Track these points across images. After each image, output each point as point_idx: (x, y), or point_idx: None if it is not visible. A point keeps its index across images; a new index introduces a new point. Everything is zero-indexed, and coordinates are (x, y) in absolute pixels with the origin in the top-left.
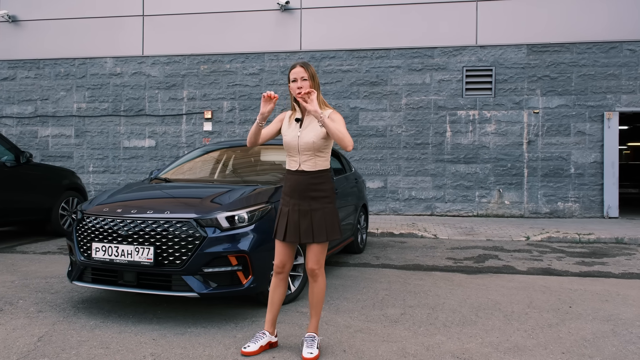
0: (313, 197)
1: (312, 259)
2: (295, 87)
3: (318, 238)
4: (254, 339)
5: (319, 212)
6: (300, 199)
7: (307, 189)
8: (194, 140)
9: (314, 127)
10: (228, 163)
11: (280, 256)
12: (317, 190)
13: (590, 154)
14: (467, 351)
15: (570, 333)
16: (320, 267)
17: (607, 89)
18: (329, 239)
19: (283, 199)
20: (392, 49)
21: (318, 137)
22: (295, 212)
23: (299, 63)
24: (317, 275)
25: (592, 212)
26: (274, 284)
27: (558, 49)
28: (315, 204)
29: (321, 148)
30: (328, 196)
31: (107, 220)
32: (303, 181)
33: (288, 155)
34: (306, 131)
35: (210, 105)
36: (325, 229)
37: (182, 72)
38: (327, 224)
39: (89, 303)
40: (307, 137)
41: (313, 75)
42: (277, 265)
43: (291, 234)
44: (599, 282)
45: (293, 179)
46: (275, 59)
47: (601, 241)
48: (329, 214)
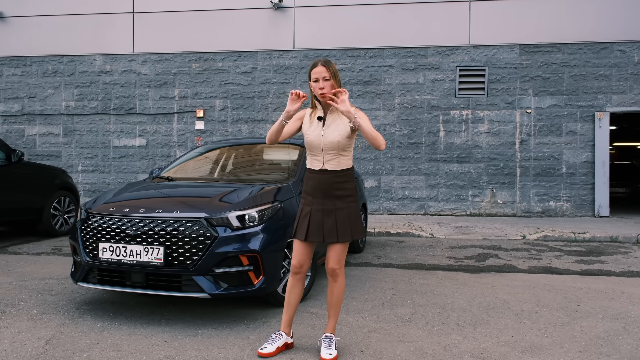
0: (337, 196)
1: (334, 259)
2: (317, 87)
3: (343, 237)
4: (271, 340)
5: (344, 211)
6: (324, 198)
7: (330, 188)
8: (186, 140)
9: (338, 126)
10: (231, 162)
11: (299, 256)
12: (341, 189)
13: (582, 153)
14: (484, 350)
15: (584, 331)
16: (341, 267)
17: (598, 89)
18: (354, 238)
19: (304, 198)
20: (386, 48)
21: (343, 136)
22: (319, 212)
23: (321, 61)
24: (337, 275)
25: (584, 211)
26: (291, 284)
27: (550, 50)
28: (340, 203)
29: (345, 147)
30: (352, 195)
31: (115, 220)
32: (326, 180)
33: (310, 154)
34: (330, 130)
35: (202, 104)
36: (350, 228)
37: (173, 70)
38: (352, 223)
39: (93, 305)
40: (331, 136)
41: (335, 73)
42: (294, 266)
43: (314, 234)
44: (601, 281)
45: (316, 178)
46: (268, 57)
47: (596, 240)
48: (353, 213)
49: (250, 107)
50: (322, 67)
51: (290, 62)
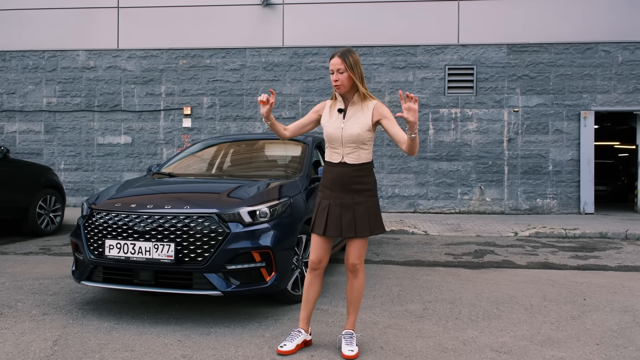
0: (356, 190)
1: (354, 254)
2: (333, 80)
3: (361, 232)
4: (290, 338)
5: (363, 206)
6: (342, 192)
7: (350, 182)
8: (173, 137)
9: (359, 119)
10: (232, 158)
11: (317, 251)
12: (361, 183)
13: (568, 151)
14: (504, 345)
15: (596, 324)
16: (361, 263)
17: (583, 89)
18: (372, 234)
19: (322, 192)
20: (376, 46)
21: (363, 129)
22: (337, 206)
23: (338, 52)
24: (358, 270)
25: (569, 209)
26: (309, 281)
27: (537, 49)
28: (359, 197)
29: (365, 140)
30: (371, 189)
31: (121, 216)
32: (346, 174)
33: (329, 147)
34: (350, 122)
35: (190, 101)
36: (369, 223)
37: (159, 66)
38: (371, 217)
39: (96, 305)
40: (351, 128)
41: (352, 65)
42: (313, 261)
43: (332, 228)
44: (600, 275)
45: (335, 171)
46: (257, 54)
47: (586, 236)
48: (372, 207)
49: (239, 104)
50: (338, 58)
51: (279, 60)
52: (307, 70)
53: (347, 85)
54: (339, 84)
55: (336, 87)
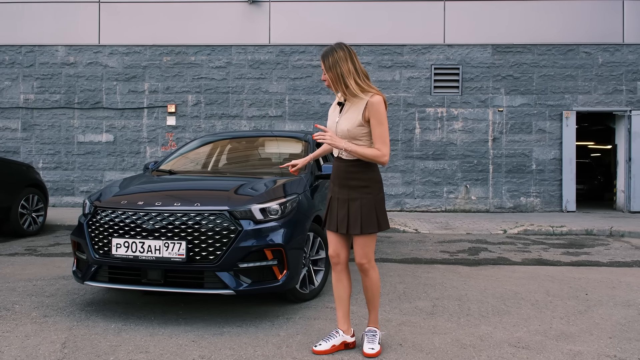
0: (351, 186)
1: (359, 253)
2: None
3: (353, 230)
4: (327, 338)
5: (357, 203)
6: (340, 187)
7: (345, 177)
8: (157, 135)
9: (351, 114)
10: (231, 155)
11: (332, 245)
12: (356, 179)
13: (550, 151)
14: (520, 340)
15: (603, 319)
16: (369, 261)
17: (565, 89)
18: (363, 232)
19: (330, 186)
20: (362, 45)
21: (353, 125)
22: (335, 201)
23: (322, 53)
24: (366, 269)
25: (552, 207)
26: (335, 278)
27: (520, 50)
28: (354, 194)
29: (358, 136)
30: (368, 186)
31: (129, 214)
32: (342, 169)
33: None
34: (344, 117)
35: (174, 99)
36: (361, 221)
37: (143, 63)
38: (363, 216)
39: (98, 306)
40: (342, 124)
41: (331, 65)
42: (331, 255)
43: (330, 222)
44: (595, 271)
45: (334, 165)
46: (243, 52)
47: (573, 233)
48: (367, 205)
49: (225, 102)
50: (321, 60)
51: (265, 57)
52: (293, 68)
53: (335, 86)
54: (326, 84)
55: (328, 86)
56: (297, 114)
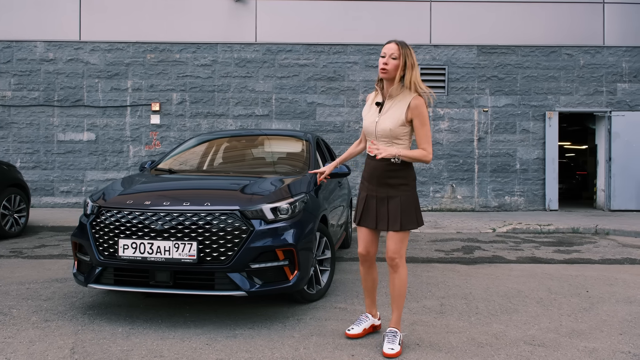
0: (391, 184)
1: (392, 248)
2: (381, 63)
3: (393, 226)
4: (358, 322)
5: (396, 200)
6: (378, 185)
7: (384, 176)
8: (140, 134)
9: (393, 113)
10: (231, 154)
11: (364, 242)
12: (395, 177)
13: (534, 150)
14: (534, 338)
15: (610, 316)
16: (401, 257)
17: (548, 90)
18: (403, 229)
19: (362, 184)
20: (349, 44)
21: (396, 125)
22: (373, 199)
23: (396, 40)
24: (397, 265)
25: (535, 205)
26: (365, 272)
27: (505, 51)
28: (393, 191)
29: (399, 135)
30: (407, 184)
31: (136, 214)
32: (380, 168)
33: (367, 140)
34: (385, 117)
35: (158, 97)
36: (401, 218)
37: (126, 60)
38: (403, 212)
39: (99, 309)
40: (384, 123)
41: (407, 56)
42: (360, 253)
43: (366, 220)
44: (589, 269)
45: (372, 164)
46: (229, 50)
47: (560, 231)
48: (406, 202)
49: (210, 101)
50: (394, 44)
51: (252, 56)
52: (280, 67)
53: (392, 73)
54: (386, 68)
55: (382, 71)
56: (284, 113)
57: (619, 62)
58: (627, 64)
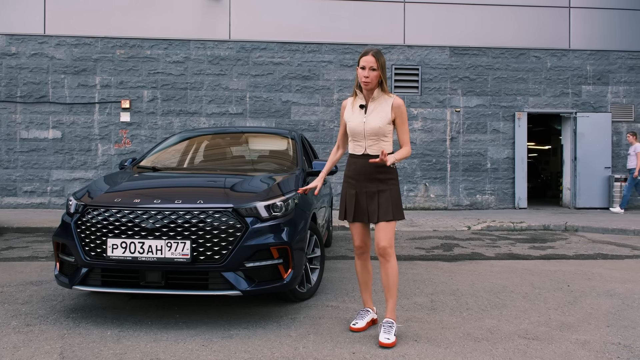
0: (380, 179)
1: (384, 238)
2: (363, 75)
3: (385, 217)
4: (360, 316)
5: (386, 193)
6: (366, 181)
7: (373, 172)
8: (109, 132)
9: (379, 113)
10: (215, 151)
11: (360, 236)
12: (383, 173)
13: (504, 150)
14: (527, 332)
15: (594, 308)
16: (391, 247)
17: (517, 92)
18: (395, 218)
19: (348, 182)
20: (324, 43)
21: (384, 123)
22: (363, 194)
23: (372, 51)
24: (389, 254)
25: (505, 204)
26: (360, 266)
27: (476, 53)
28: (382, 186)
29: (386, 133)
30: (393, 178)
31: (125, 212)
32: (369, 165)
33: (353, 141)
34: (371, 117)
35: (129, 94)
36: (392, 208)
37: (94, 55)
38: (393, 204)
39: (83, 312)
40: (373, 122)
41: (383, 65)
42: (358, 247)
43: (359, 215)
44: (565, 264)
45: (359, 162)
46: (202, 47)
47: (532, 228)
48: (395, 194)
49: (183, 98)
50: (372, 57)
51: (226, 53)
52: (255, 65)
53: (374, 83)
54: (368, 80)
55: (365, 83)
56: (259, 111)
57: (583, 65)
58: (591, 67)
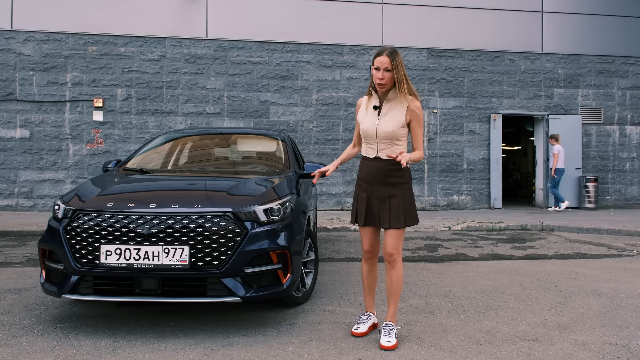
0: (392, 183)
1: (391, 244)
2: (377, 77)
3: (396, 224)
4: (362, 321)
5: (398, 198)
6: (378, 185)
7: (385, 176)
8: (81, 132)
9: (393, 116)
10: (204, 152)
11: (369, 241)
12: (396, 177)
13: (479, 151)
14: (527, 333)
15: (585, 308)
16: (398, 253)
17: (492, 94)
18: (407, 225)
19: (359, 185)
20: (303, 43)
21: (397, 126)
22: (374, 198)
23: (387, 51)
24: (395, 261)
25: (481, 204)
26: (367, 270)
27: (453, 55)
28: (394, 190)
29: (400, 137)
30: (406, 182)
31: (119, 217)
32: (381, 168)
33: (365, 143)
34: (385, 119)
35: (101, 93)
36: (404, 215)
37: (64, 52)
38: (406, 209)
39: (70, 321)
40: (385, 125)
41: (398, 65)
42: (367, 251)
43: (370, 219)
44: (548, 264)
45: (371, 165)
46: (179, 45)
47: (510, 228)
48: (407, 199)
49: (158, 97)
50: (386, 57)
51: (203, 52)
52: (232, 64)
53: (389, 84)
54: (383, 82)
55: (379, 85)
56: (237, 111)
57: (555, 69)
58: (562, 70)
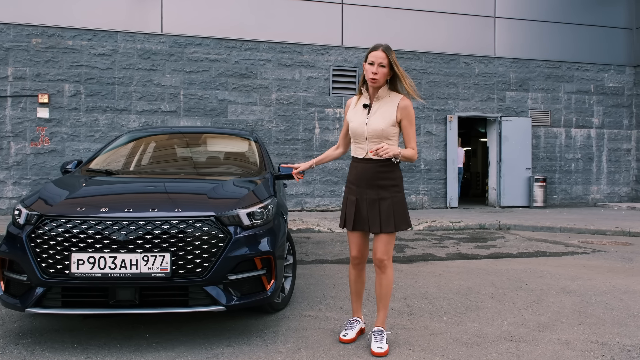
0: (381, 185)
1: (381, 249)
2: (370, 72)
3: (386, 228)
4: (349, 327)
5: (388, 201)
6: (367, 187)
7: (374, 177)
8: (24, 129)
9: (384, 114)
10: (172, 152)
11: (358, 246)
12: (386, 179)
13: (436, 152)
14: (511, 334)
15: (559, 307)
16: (389, 258)
17: (448, 96)
18: (397, 230)
19: (349, 188)
20: (262, 41)
21: (388, 124)
22: (363, 201)
23: (382, 46)
24: (385, 266)
25: (438, 203)
26: (355, 276)
27: (411, 57)
28: (384, 193)
29: (390, 135)
30: (397, 185)
31: (91, 223)
32: (370, 169)
33: (355, 143)
34: (375, 117)
35: (47, 88)
36: (394, 219)
37: (5, 44)
38: (396, 213)
39: (33, 337)
40: (375, 123)
41: (394, 62)
42: (355, 257)
43: (359, 224)
44: (513, 263)
45: (360, 167)
46: (132, 40)
47: (470, 227)
48: (398, 203)
49: (110, 94)
50: (382, 52)
51: (158, 48)
52: (189, 61)
53: (382, 81)
54: (376, 77)
55: (372, 80)
56: (194, 109)
57: (507, 72)
58: (514, 74)
